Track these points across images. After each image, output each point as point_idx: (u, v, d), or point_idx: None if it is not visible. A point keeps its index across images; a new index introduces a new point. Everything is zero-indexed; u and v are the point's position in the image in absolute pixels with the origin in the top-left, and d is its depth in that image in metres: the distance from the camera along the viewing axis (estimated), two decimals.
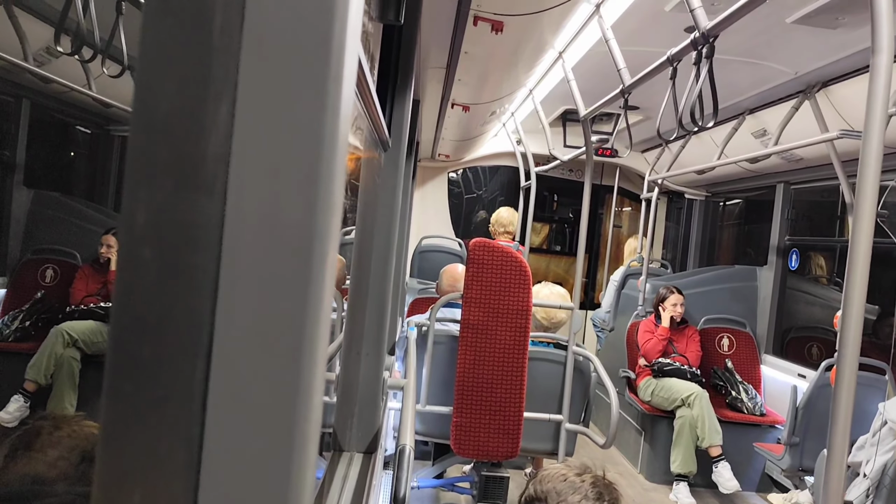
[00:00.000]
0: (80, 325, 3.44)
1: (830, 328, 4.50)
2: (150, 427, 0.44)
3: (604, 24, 2.86)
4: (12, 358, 3.42)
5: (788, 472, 4.08)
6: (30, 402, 3.25)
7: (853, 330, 1.46)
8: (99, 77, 3.26)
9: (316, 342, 0.44)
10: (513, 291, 2.94)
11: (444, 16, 2.60)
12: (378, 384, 2.02)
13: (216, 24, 0.44)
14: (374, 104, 1.42)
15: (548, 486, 1.32)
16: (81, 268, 3.82)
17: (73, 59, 2.64)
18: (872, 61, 1.45)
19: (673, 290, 4.88)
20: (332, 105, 0.43)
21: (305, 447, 0.44)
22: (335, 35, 0.43)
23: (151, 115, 0.44)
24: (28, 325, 3.50)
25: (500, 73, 3.87)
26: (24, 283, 3.72)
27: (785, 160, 4.49)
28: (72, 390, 3.32)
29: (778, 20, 2.86)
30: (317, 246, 0.43)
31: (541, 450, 3.32)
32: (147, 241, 0.44)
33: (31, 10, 3.02)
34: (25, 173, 3.77)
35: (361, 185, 2.02)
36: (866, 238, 1.47)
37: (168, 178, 0.44)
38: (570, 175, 7.08)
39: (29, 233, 3.92)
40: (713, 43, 2.08)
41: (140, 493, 0.44)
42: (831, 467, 1.46)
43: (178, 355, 0.44)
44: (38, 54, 3.08)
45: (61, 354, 3.31)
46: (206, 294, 0.43)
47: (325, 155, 0.43)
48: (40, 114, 3.94)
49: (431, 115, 4.76)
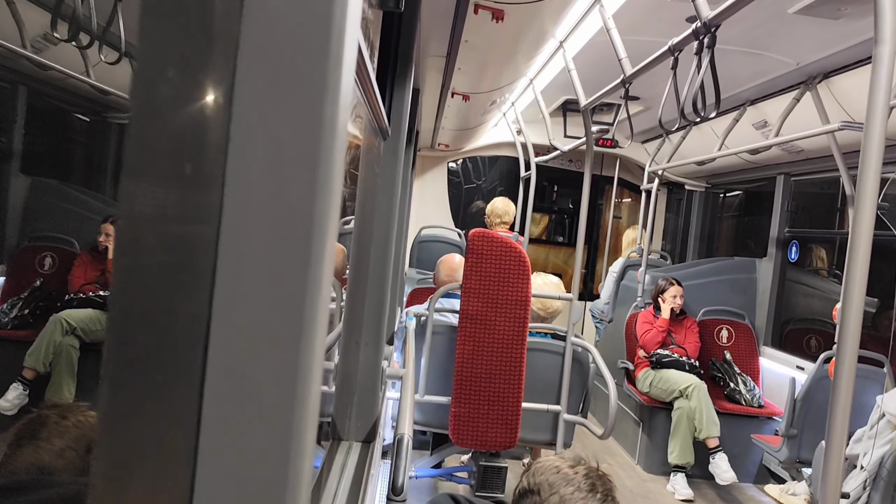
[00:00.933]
0: (79, 313, 3.44)
1: (829, 320, 4.50)
2: (148, 415, 0.44)
3: (605, 14, 2.84)
4: (11, 345, 3.41)
5: (786, 464, 4.10)
6: (28, 390, 3.25)
7: (853, 322, 1.45)
8: (97, 64, 3.24)
9: (314, 330, 0.44)
10: (512, 282, 2.94)
11: (445, 4, 2.58)
12: (377, 374, 2.02)
13: (215, 10, 0.43)
14: (374, 92, 1.41)
15: (541, 478, 1.32)
16: (80, 255, 3.81)
17: (71, 47, 2.62)
18: (875, 52, 1.44)
19: (673, 282, 4.88)
20: (331, 92, 0.43)
21: (303, 436, 0.43)
22: (335, 20, 0.42)
23: (149, 102, 0.44)
24: (27, 312, 3.50)
25: (501, 63, 3.85)
26: (23, 270, 3.71)
27: (785, 151, 4.48)
28: (70, 378, 3.32)
29: (780, 10, 2.85)
30: (316, 234, 0.43)
31: (539, 440, 3.33)
32: (145, 229, 0.44)
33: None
34: (23, 161, 3.75)
35: (360, 174, 2.01)
36: (867, 230, 1.47)
37: (166, 167, 0.44)
38: (569, 165, 7.07)
39: (27, 220, 3.91)
40: (715, 33, 2.07)
41: (138, 481, 0.44)
42: (829, 459, 1.46)
43: (175, 344, 0.44)
44: (36, 41, 3.05)
45: (60, 342, 3.31)
46: (203, 283, 0.42)
47: (325, 143, 0.43)
48: (38, 101, 3.92)
49: (431, 105, 4.75)
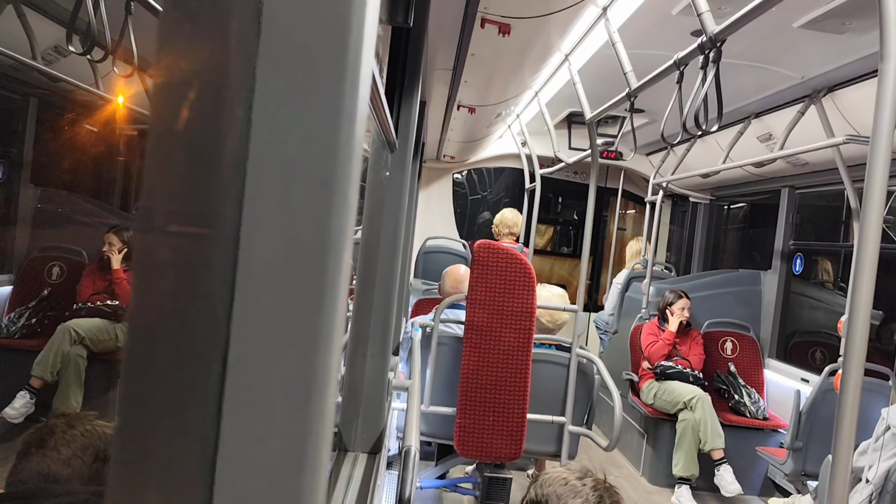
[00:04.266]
0: (86, 322, 3.45)
1: (834, 333, 4.48)
2: (165, 428, 0.45)
3: (610, 27, 2.86)
4: (19, 355, 3.42)
5: (791, 477, 4.07)
6: (35, 399, 3.26)
7: (859, 335, 1.45)
8: (106, 76, 3.27)
9: (330, 345, 0.44)
10: (517, 293, 2.94)
11: (452, 18, 2.60)
12: (383, 385, 2.03)
13: (233, 31, 0.44)
14: (383, 106, 1.43)
15: (549, 489, 1.32)
16: (87, 266, 3.82)
17: (81, 59, 2.65)
18: (881, 68, 1.45)
19: (681, 295, 4.87)
20: (347, 112, 0.44)
21: (319, 449, 0.44)
22: (351, 41, 0.43)
23: (170, 120, 0.45)
24: (34, 322, 3.51)
25: (507, 76, 3.87)
26: (31, 280, 3.73)
27: (790, 164, 4.48)
28: (78, 387, 3.33)
29: (785, 24, 2.86)
30: (332, 250, 0.44)
31: (544, 451, 3.33)
32: (164, 243, 0.45)
33: (40, 10, 3.03)
34: (33, 171, 3.78)
35: (368, 185, 2.02)
36: (873, 243, 1.47)
37: (185, 182, 0.45)
38: (574, 177, 7.08)
39: (35, 231, 3.93)
40: (720, 47, 2.08)
41: (155, 495, 0.44)
42: (836, 472, 1.45)
43: (194, 357, 0.45)
44: (47, 53, 3.08)
45: (68, 352, 3.32)
46: (222, 297, 0.43)
47: (341, 161, 0.44)
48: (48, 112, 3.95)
49: (437, 117, 4.77)
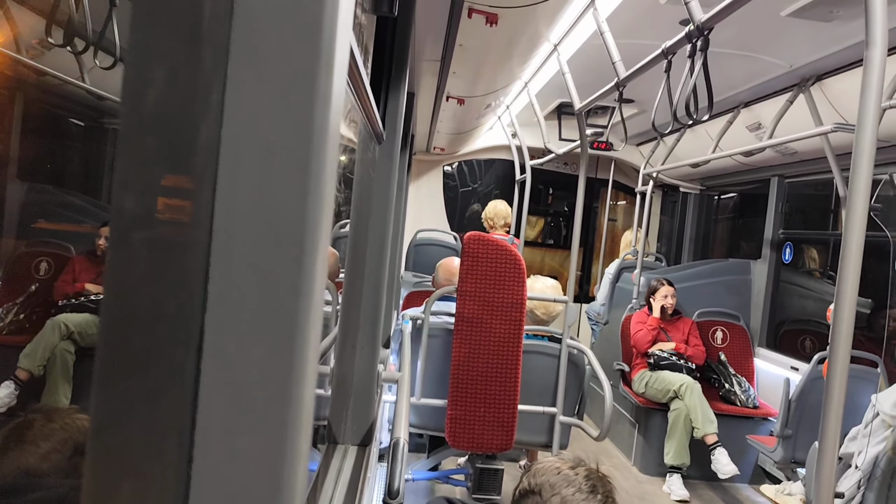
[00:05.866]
0: (76, 317, 3.42)
1: (823, 321, 4.52)
2: (141, 419, 0.44)
3: (599, 17, 2.85)
4: (6, 351, 3.40)
5: (781, 464, 4.11)
6: (20, 391, 3.24)
7: (845, 323, 1.46)
8: (92, 69, 3.24)
9: (308, 333, 0.44)
10: (507, 285, 2.94)
11: (439, 8, 2.59)
12: (373, 377, 2.02)
13: (205, 14, 0.43)
14: (368, 97, 1.42)
15: (542, 479, 1.32)
16: (75, 260, 3.80)
17: (66, 52, 2.62)
18: (866, 54, 1.45)
19: (663, 282, 4.94)
20: (322, 95, 0.43)
21: (298, 439, 0.44)
22: (325, 24, 0.43)
23: (141, 106, 0.44)
24: (22, 317, 3.49)
25: (495, 66, 3.86)
26: (18, 275, 3.70)
27: (779, 153, 4.50)
28: (66, 382, 3.30)
29: (772, 13, 2.86)
30: (308, 237, 0.43)
31: (535, 442, 3.34)
32: (137, 233, 0.44)
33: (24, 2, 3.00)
34: (18, 166, 3.74)
35: (356, 178, 2.02)
36: (859, 231, 1.48)
37: (158, 170, 0.44)
38: (565, 168, 7.08)
39: (22, 225, 3.91)
40: (708, 36, 2.08)
41: (131, 486, 0.44)
42: (822, 459, 1.46)
43: (169, 347, 0.44)
44: (30, 45, 3.05)
45: (56, 346, 3.30)
46: (196, 286, 0.42)
47: (316, 146, 0.43)
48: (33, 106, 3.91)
49: (426, 109, 4.75)
